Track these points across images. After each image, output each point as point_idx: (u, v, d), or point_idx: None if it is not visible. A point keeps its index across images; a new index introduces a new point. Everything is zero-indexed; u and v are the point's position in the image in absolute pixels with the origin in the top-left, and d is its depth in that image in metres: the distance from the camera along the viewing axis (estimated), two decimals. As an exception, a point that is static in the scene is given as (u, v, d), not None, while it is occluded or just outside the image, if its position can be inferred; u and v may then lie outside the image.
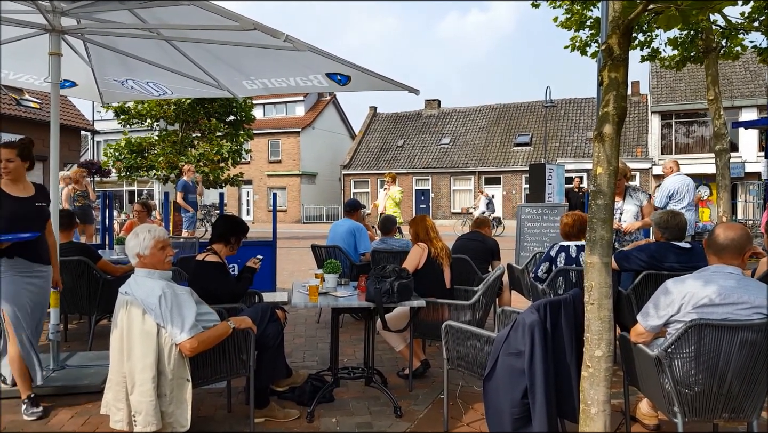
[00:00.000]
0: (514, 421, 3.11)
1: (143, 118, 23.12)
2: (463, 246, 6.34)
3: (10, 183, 3.89)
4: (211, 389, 4.32)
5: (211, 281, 4.11)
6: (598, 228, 2.78)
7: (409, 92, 4.62)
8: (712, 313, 2.76)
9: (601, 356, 2.75)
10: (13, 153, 3.85)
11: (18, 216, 3.84)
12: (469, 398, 4.29)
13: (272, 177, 40.58)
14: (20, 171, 3.89)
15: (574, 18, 10.00)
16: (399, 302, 4.01)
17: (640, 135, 31.23)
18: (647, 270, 4.34)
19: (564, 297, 3.23)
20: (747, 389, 2.76)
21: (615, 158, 2.78)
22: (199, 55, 4.92)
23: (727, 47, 9.95)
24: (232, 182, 24.72)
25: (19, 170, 3.89)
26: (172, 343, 3.16)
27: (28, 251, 3.87)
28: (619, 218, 5.78)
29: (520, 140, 34.51)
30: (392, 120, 40.67)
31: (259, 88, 5.29)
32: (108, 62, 5.35)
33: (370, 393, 4.41)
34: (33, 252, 3.91)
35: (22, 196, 3.91)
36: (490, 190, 33.99)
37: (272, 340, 3.75)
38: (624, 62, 2.75)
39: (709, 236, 3.00)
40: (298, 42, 3.70)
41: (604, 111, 2.78)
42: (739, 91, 28.08)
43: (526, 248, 9.42)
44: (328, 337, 5.29)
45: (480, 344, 3.52)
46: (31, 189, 4.00)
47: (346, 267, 6.13)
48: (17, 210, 3.85)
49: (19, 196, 3.88)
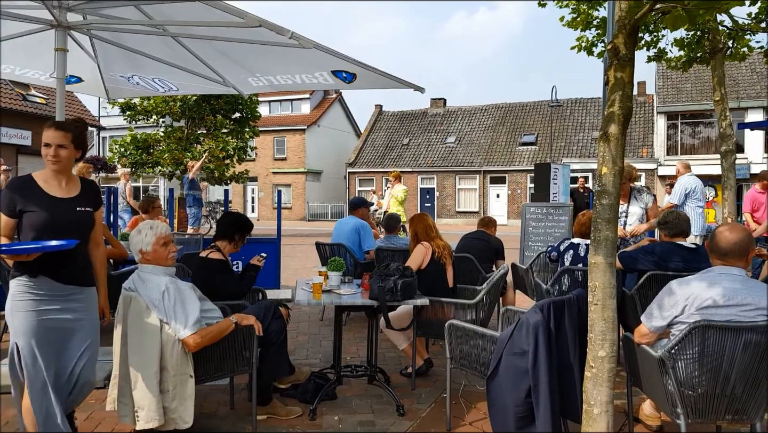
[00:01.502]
0: (518, 420, 3.11)
1: (149, 114, 23.15)
2: (467, 245, 6.34)
3: (51, 176, 2.97)
4: (214, 386, 4.32)
5: (214, 278, 4.11)
6: (603, 228, 2.77)
7: (414, 90, 4.61)
8: (716, 314, 2.75)
9: (604, 356, 2.75)
10: (67, 138, 2.94)
11: (49, 223, 2.86)
12: (472, 397, 4.28)
13: (277, 174, 40.61)
14: (69, 162, 2.99)
15: (581, 18, 9.96)
16: (402, 301, 4.01)
17: (645, 135, 31.14)
18: (652, 270, 4.33)
19: (568, 297, 3.22)
20: (750, 391, 2.75)
21: (620, 158, 2.77)
22: (204, 52, 4.92)
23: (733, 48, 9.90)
24: (237, 179, 24.74)
25: (69, 161, 2.99)
26: (175, 339, 3.17)
27: (57, 268, 2.89)
28: (624, 221, 5.69)
29: (526, 140, 34.45)
30: (398, 118, 40.65)
31: (264, 85, 5.29)
32: (114, 58, 5.35)
33: (372, 391, 4.41)
34: (65, 269, 2.92)
35: (61, 196, 2.95)
36: (495, 189, 34.05)
37: (275, 337, 3.76)
38: (630, 62, 2.74)
39: (712, 238, 2.98)
40: (303, 39, 3.70)
41: (610, 111, 2.77)
42: (746, 93, 27.96)
43: (531, 248, 9.41)
44: (331, 335, 5.29)
45: (483, 344, 3.51)
46: (76, 187, 3.04)
47: (350, 265, 6.13)
48: (50, 215, 2.87)
49: (56, 196, 2.93)
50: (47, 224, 2.86)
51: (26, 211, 2.85)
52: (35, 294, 2.84)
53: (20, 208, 2.85)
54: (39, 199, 2.88)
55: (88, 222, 3.06)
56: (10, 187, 2.90)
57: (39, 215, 2.85)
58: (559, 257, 4.98)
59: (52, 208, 2.89)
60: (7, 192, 2.88)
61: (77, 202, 2.99)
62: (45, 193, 2.91)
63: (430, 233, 4.87)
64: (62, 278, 2.92)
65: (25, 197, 2.86)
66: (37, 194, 2.89)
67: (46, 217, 2.86)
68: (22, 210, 2.85)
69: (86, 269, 3.09)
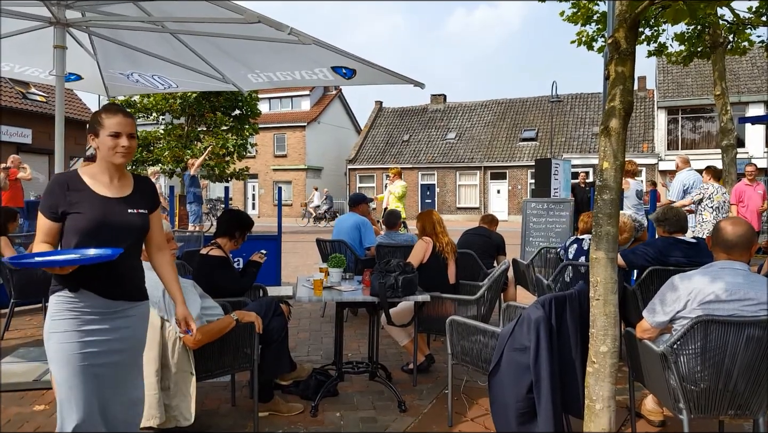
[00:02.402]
0: (519, 416, 3.10)
1: (149, 111, 23.17)
2: (468, 241, 6.34)
3: (100, 172, 2.55)
4: (215, 383, 4.32)
5: (214, 275, 4.11)
6: (604, 223, 2.76)
7: (414, 86, 4.60)
8: (719, 309, 2.74)
9: (606, 351, 2.74)
10: (134, 126, 2.58)
11: (95, 228, 2.44)
12: (474, 393, 4.28)
13: (278, 171, 40.59)
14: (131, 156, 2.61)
15: (581, 12, 9.95)
16: (403, 297, 4.01)
17: (646, 130, 31.10)
18: (654, 266, 4.32)
19: (569, 293, 3.22)
20: (753, 386, 2.74)
21: (621, 153, 2.76)
22: (204, 49, 4.91)
23: (734, 42, 9.89)
24: (237, 176, 24.76)
25: (132, 154, 2.60)
26: (176, 336, 3.16)
27: (103, 280, 2.46)
28: None
29: (526, 135, 34.41)
30: (398, 115, 40.61)
31: (264, 82, 5.28)
32: (113, 55, 5.34)
33: (374, 388, 4.41)
34: (113, 281, 2.50)
35: (111, 195, 2.52)
36: (496, 185, 34.03)
37: (276, 334, 3.76)
38: (631, 56, 2.73)
39: (715, 232, 2.97)
40: (302, 35, 3.68)
41: (611, 105, 2.76)
42: (746, 87, 27.90)
43: (532, 243, 9.40)
44: (332, 331, 5.29)
45: (485, 339, 3.51)
46: (128, 185, 2.61)
47: (350, 261, 6.12)
48: (97, 218, 2.45)
49: (105, 195, 2.51)
50: (93, 229, 2.43)
51: (70, 213, 2.43)
52: (77, 313, 2.42)
53: (63, 209, 2.43)
54: (85, 198, 2.46)
55: (142, 226, 2.59)
56: (53, 185, 2.47)
57: (84, 218, 2.43)
58: (565, 252, 5.00)
59: (100, 209, 2.46)
60: (48, 190, 2.48)
61: (130, 202, 2.55)
62: (92, 192, 2.48)
63: (437, 229, 4.88)
64: (109, 292, 2.49)
65: (69, 197, 2.44)
66: (83, 193, 2.47)
67: (92, 220, 2.43)
68: (65, 212, 2.43)
69: (137, 280, 2.63)
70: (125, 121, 2.50)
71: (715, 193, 7.77)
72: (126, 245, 2.46)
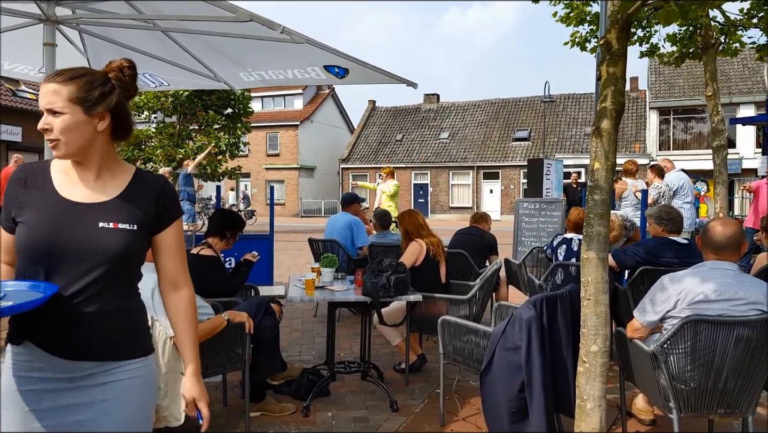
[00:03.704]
0: (511, 415, 3.11)
1: (140, 110, 23.06)
2: (460, 241, 6.34)
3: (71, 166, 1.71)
4: (206, 383, 4.30)
5: (205, 275, 4.09)
6: (595, 223, 2.77)
7: (407, 86, 4.59)
8: (708, 309, 2.76)
9: (597, 351, 2.75)
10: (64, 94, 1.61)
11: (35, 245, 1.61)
12: (466, 392, 4.28)
13: (270, 170, 40.51)
14: (81, 140, 1.64)
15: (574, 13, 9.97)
16: (396, 297, 4.01)
17: (638, 131, 31.24)
18: (644, 265, 4.34)
19: (560, 292, 3.22)
20: (742, 385, 2.76)
21: (613, 153, 2.77)
22: (195, 47, 4.89)
23: (725, 44, 9.93)
24: (229, 175, 24.68)
25: (80, 138, 1.64)
26: (166, 336, 3.14)
27: (47, 329, 1.62)
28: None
29: (519, 135, 34.50)
30: (391, 114, 40.61)
31: (256, 80, 5.26)
32: (104, 53, 5.30)
33: (366, 387, 4.41)
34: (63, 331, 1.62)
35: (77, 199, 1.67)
36: (489, 185, 34.10)
37: (267, 333, 3.74)
38: (622, 57, 2.73)
39: (704, 232, 2.98)
40: (295, 34, 3.67)
41: (602, 106, 2.76)
42: (737, 88, 28.08)
43: (524, 243, 9.41)
44: (324, 331, 5.28)
45: (476, 339, 3.51)
46: (118, 185, 1.72)
47: (343, 261, 6.11)
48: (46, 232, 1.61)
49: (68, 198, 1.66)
50: (34, 248, 1.61)
51: (19, 222, 1.64)
52: (24, 375, 1.62)
53: (15, 214, 1.66)
54: (36, 201, 1.65)
55: (121, 248, 1.64)
56: (10, 180, 1.71)
57: (25, 231, 1.62)
58: (553, 252, 4.99)
59: (51, 218, 1.62)
60: (7, 188, 1.71)
61: (107, 211, 1.66)
62: (51, 192, 1.66)
63: (422, 231, 4.87)
64: (62, 348, 1.61)
65: (22, 196, 1.67)
66: (38, 192, 1.66)
67: (33, 235, 1.61)
68: (15, 218, 1.66)
69: (119, 329, 1.69)
70: (46, 90, 1.61)
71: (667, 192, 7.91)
72: (92, 276, 1.61)
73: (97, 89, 1.65)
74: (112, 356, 1.68)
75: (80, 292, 1.61)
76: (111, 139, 1.72)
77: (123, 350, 1.71)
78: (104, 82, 1.68)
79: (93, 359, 1.65)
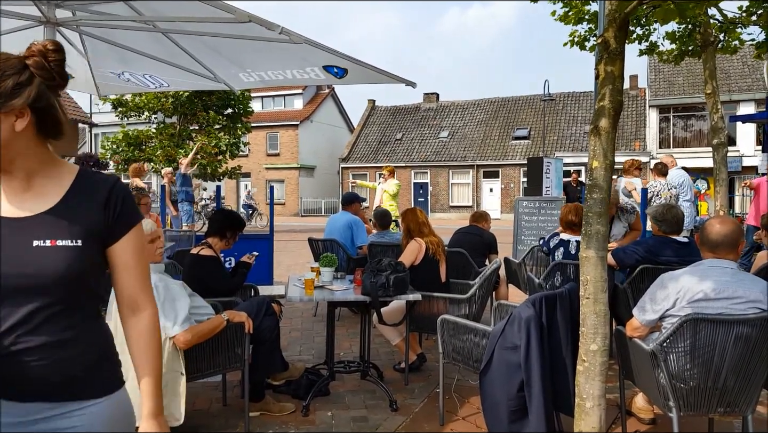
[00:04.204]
0: (511, 414, 3.11)
1: (141, 110, 23.08)
2: (460, 240, 6.34)
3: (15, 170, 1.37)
4: (206, 383, 4.31)
5: (205, 275, 4.10)
6: (594, 222, 2.77)
7: (406, 85, 4.60)
8: (707, 307, 2.76)
9: (596, 350, 2.75)
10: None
11: None
12: (465, 392, 4.29)
13: (270, 170, 40.50)
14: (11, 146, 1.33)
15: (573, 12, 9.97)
16: (395, 296, 4.01)
17: (638, 129, 31.22)
18: (644, 264, 4.34)
19: (560, 291, 3.23)
20: (742, 384, 2.76)
21: (611, 152, 2.78)
22: (195, 48, 4.89)
23: (725, 41, 9.93)
24: (230, 175, 24.69)
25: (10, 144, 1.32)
26: (165, 336, 3.15)
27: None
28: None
29: (519, 134, 34.49)
30: (391, 113, 40.60)
31: (255, 81, 5.26)
32: (104, 55, 5.31)
33: (365, 387, 4.41)
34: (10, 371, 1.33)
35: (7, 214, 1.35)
36: (488, 183, 34.10)
37: (268, 333, 3.75)
38: (620, 56, 2.74)
39: (702, 231, 2.99)
40: (294, 34, 3.68)
41: (600, 105, 2.77)
42: (737, 85, 28.06)
43: (524, 242, 9.41)
44: (324, 330, 5.29)
45: (476, 338, 3.52)
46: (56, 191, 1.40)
47: (342, 261, 6.12)
48: None
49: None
50: None
51: None
52: None
53: None
54: None
55: (63, 270, 1.34)
56: None
57: None
58: (550, 252, 4.99)
59: None
60: None
61: (43, 225, 1.36)
62: None
63: (423, 230, 4.87)
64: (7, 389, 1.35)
65: None
66: None
67: None
68: None
69: (68, 366, 1.40)
70: None
71: (663, 190, 7.86)
72: (32, 306, 1.33)
73: (9, 79, 1.34)
74: (72, 396, 1.41)
75: (20, 324, 1.32)
76: (40, 139, 1.38)
77: (84, 386, 1.43)
78: (20, 70, 1.38)
79: (46, 399, 1.38)
